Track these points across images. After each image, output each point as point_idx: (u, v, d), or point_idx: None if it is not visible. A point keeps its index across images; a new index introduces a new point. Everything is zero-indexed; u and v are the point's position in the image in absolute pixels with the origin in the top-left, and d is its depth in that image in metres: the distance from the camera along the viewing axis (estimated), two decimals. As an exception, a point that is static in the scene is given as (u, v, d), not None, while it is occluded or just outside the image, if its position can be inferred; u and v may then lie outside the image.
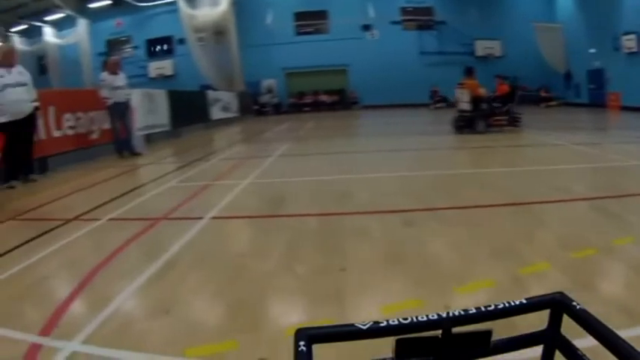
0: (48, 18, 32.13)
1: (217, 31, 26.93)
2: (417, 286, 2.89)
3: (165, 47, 32.28)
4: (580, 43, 25.73)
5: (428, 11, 29.35)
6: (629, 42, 22.53)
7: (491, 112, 11.93)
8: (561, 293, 1.11)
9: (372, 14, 28.88)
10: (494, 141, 10.25)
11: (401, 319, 1.04)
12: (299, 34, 30.24)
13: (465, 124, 11.88)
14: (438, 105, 25.58)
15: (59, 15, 31.47)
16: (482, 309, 1.08)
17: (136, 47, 32.47)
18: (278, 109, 29.61)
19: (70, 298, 2.90)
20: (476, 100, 11.86)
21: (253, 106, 28.44)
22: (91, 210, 5.41)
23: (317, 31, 30.30)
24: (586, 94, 26.01)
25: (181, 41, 29.27)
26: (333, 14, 29.61)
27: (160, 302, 2.80)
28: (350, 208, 4.97)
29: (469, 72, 12.31)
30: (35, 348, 2.28)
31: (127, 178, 8.08)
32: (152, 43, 32.45)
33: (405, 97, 27.48)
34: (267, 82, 30.37)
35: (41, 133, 8.48)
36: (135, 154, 10.67)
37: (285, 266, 3.34)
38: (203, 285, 3.09)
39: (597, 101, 24.45)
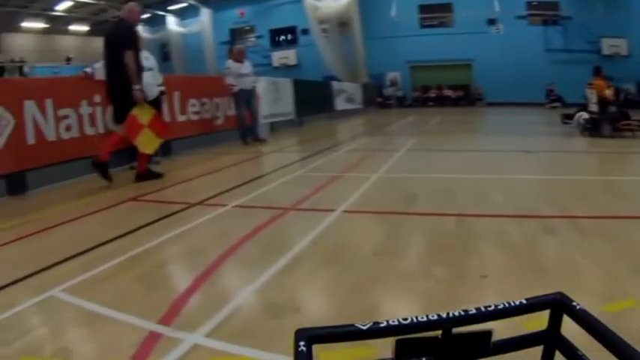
0: (171, 7, 34.09)
1: (341, 22, 27.05)
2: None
3: (288, 37, 33.05)
4: None
5: (554, 6, 26.70)
6: None
7: (622, 115, 10.72)
8: (561, 293, 1.09)
9: (498, 8, 27.21)
10: (625, 147, 9.06)
11: (401, 320, 1.05)
12: (423, 26, 29.23)
13: (592, 127, 10.81)
14: (554, 104, 23.43)
15: (182, 4, 33.83)
16: (482, 309, 1.08)
17: (259, 37, 33.68)
18: (402, 103, 29.10)
19: (192, 288, 2.85)
20: (603, 102, 10.75)
21: (377, 98, 28.16)
22: (216, 195, 5.40)
23: (441, 24, 29.00)
24: None
25: (305, 32, 29.87)
26: (458, 7, 28.08)
27: (289, 299, 2.64)
28: (486, 210, 4.55)
29: (597, 71, 11.23)
30: (154, 337, 2.20)
31: (252, 164, 8.25)
32: (276, 32, 33.39)
33: (528, 95, 25.33)
34: (392, 75, 29.91)
35: (166, 117, 8.65)
36: (259, 140, 10.84)
37: (425, 269, 3.06)
38: (336, 283, 2.88)
39: None
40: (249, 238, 3.72)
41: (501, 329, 1.11)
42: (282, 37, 33.18)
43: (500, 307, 1.07)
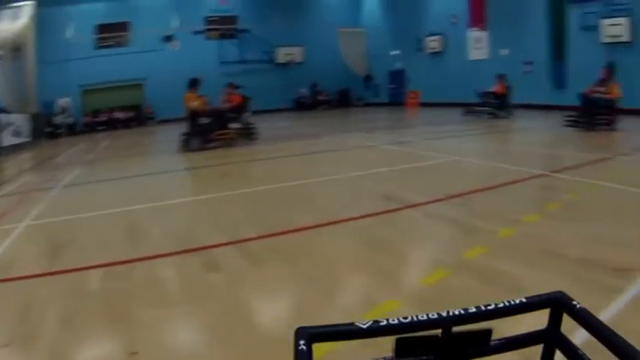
0: None
1: (15, 47, 24.00)
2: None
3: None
4: (383, 47, 27.62)
5: (232, 20, 27.81)
6: (433, 43, 24.80)
7: (217, 126, 10.72)
8: (561, 292, 1.09)
9: (177, 24, 27.60)
10: (210, 159, 9.54)
11: (401, 319, 1.05)
12: (99, 47, 27.73)
13: (184, 142, 10.66)
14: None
15: None
16: (482, 308, 1.07)
17: None
18: (72, 130, 26.92)
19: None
20: (194, 115, 10.65)
21: (46, 128, 25.61)
22: None
23: (117, 44, 27.84)
24: (386, 93, 27.95)
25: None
26: (136, 25, 27.24)
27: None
28: (141, 252, 4.13)
29: (192, 84, 10.97)
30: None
31: None
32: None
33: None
34: (63, 101, 27.47)
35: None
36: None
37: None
38: None
39: (397, 100, 26.63)
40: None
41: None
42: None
43: (501, 305, 1.08)
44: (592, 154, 7.62)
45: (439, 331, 1.03)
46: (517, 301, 1.08)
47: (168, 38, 27.68)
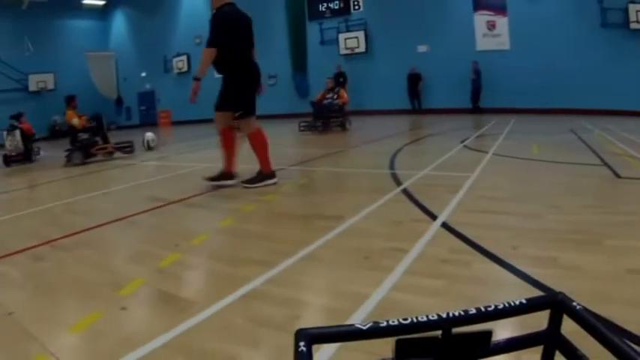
0: None
1: None
2: None
3: None
4: (132, 69, 28.43)
5: None
6: (180, 63, 26.39)
7: (96, 141, 11.17)
8: (562, 293, 1.09)
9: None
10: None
11: (401, 320, 1.04)
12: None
13: (68, 156, 10.79)
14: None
15: None
16: (482, 309, 1.07)
17: None
18: None
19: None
20: (74, 131, 11.05)
21: None
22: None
23: None
24: (137, 115, 28.76)
25: None
26: None
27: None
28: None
29: (68, 101, 11.33)
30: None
31: None
32: None
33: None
34: None
35: None
36: None
37: None
38: None
39: (148, 121, 27.66)
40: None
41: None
42: None
43: (500, 307, 1.07)
44: (326, 150, 9.48)
45: (439, 333, 1.03)
46: (517, 303, 1.08)
47: None
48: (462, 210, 4.27)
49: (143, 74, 27.99)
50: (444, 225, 3.78)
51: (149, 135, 12.97)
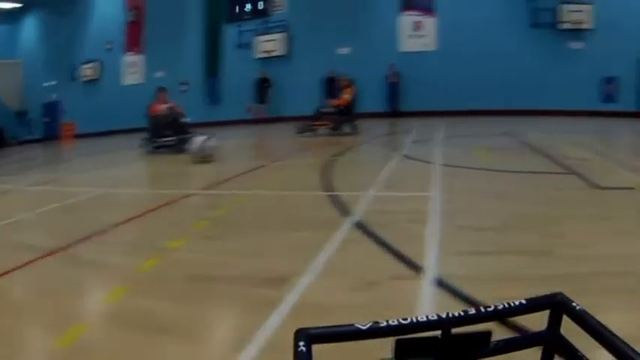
0: None
1: None
2: None
3: None
4: (38, 77, 25.90)
5: None
6: (88, 70, 24.25)
7: None
8: (561, 294, 1.08)
9: None
10: None
11: (401, 320, 1.04)
12: None
13: None
14: None
15: None
16: (482, 309, 1.07)
17: None
18: None
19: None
20: None
21: None
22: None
23: None
24: (41, 128, 26.04)
25: None
26: None
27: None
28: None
29: None
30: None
31: None
32: None
33: None
34: None
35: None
36: None
37: None
38: None
39: (52, 134, 25.10)
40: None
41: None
42: None
43: (500, 307, 1.06)
44: (242, 167, 8.25)
45: (439, 333, 1.02)
46: (517, 303, 1.07)
47: None
48: (449, 252, 3.41)
49: (47, 83, 25.85)
50: (441, 284, 2.83)
51: (203, 140, 9.80)
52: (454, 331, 1.02)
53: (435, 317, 1.04)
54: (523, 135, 10.42)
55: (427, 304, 2.63)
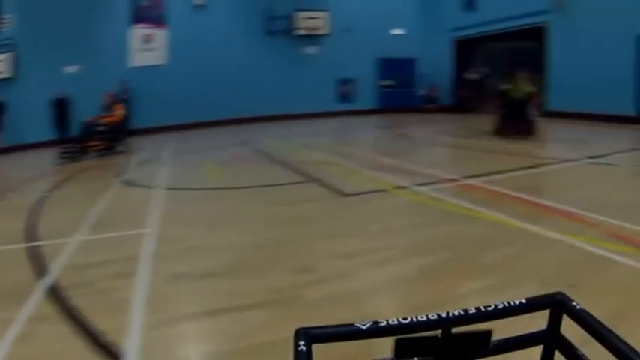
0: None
1: None
2: None
3: None
4: None
5: None
6: None
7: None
8: (561, 293, 1.08)
9: None
10: None
11: (401, 319, 1.04)
12: None
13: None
14: None
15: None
16: (482, 309, 1.07)
17: None
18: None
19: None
20: None
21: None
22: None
23: None
24: None
25: None
26: None
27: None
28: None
29: None
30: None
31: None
32: None
33: None
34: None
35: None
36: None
37: None
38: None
39: None
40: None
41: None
42: None
43: (500, 306, 1.07)
44: None
45: (439, 332, 1.02)
46: (517, 302, 1.08)
47: None
48: (161, 320, 2.65)
49: None
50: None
51: None
52: (454, 330, 1.02)
53: (435, 316, 1.04)
54: (259, 143, 10.19)
55: None
